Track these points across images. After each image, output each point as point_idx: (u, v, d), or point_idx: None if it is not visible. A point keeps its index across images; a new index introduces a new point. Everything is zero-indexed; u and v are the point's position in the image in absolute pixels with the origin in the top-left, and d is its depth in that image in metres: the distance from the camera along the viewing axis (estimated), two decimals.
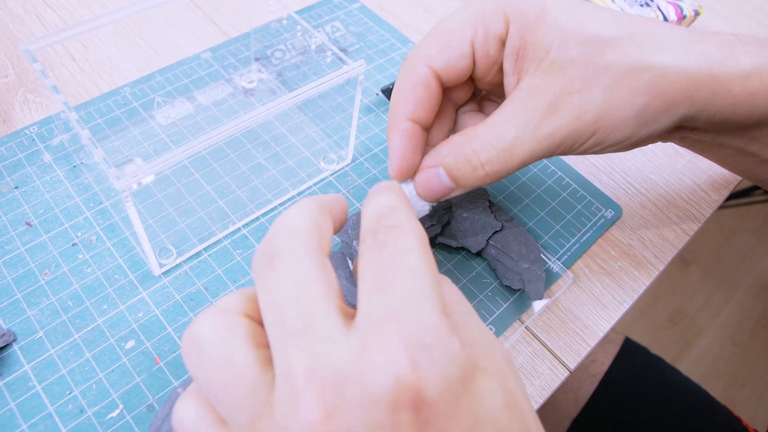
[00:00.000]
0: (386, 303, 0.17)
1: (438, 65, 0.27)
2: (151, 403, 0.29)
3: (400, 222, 0.20)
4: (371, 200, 0.22)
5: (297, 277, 0.18)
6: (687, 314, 1.37)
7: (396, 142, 0.28)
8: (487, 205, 0.36)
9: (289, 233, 0.19)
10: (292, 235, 0.19)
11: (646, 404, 0.55)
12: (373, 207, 0.21)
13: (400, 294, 0.17)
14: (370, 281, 0.18)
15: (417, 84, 0.28)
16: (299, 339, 0.17)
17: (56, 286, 0.33)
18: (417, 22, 0.52)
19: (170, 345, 0.31)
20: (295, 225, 0.19)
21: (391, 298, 0.17)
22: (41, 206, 0.36)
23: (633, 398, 0.55)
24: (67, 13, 0.48)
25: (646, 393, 0.56)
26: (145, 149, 0.39)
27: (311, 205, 0.20)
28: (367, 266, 0.19)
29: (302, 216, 0.20)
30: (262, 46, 0.46)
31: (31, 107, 0.41)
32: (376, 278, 0.18)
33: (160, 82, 0.44)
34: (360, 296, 0.18)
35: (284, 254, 0.18)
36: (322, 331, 0.17)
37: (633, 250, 0.39)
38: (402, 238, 0.19)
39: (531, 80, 0.26)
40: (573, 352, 0.34)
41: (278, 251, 0.19)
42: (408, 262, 0.18)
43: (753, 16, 0.59)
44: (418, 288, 0.17)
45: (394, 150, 0.28)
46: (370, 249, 0.19)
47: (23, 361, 0.30)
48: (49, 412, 0.28)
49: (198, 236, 0.35)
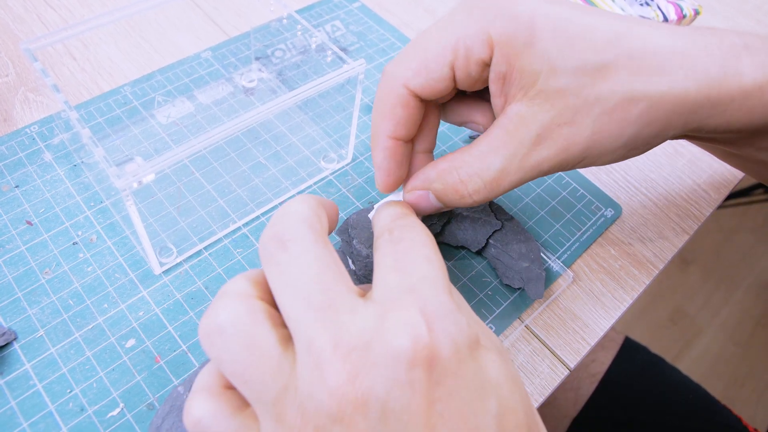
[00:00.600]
0: (405, 281, 0.19)
1: (415, 86, 0.26)
2: (151, 401, 0.29)
3: (413, 223, 0.23)
4: (385, 207, 0.24)
5: (314, 258, 0.19)
6: (687, 314, 1.37)
7: (379, 160, 0.28)
8: (487, 204, 0.36)
9: (296, 217, 0.21)
10: (300, 219, 0.21)
11: (646, 404, 0.55)
12: (387, 210, 0.24)
13: (417, 274, 0.20)
14: (389, 264, 0.20)
15: (395, 105, 0.27)
16: (323, 313, 0.18)
17: (57, 285, 0.33)
18: (417, 22, 0.52)
19: (170, 344, 0.31)
20: (301, 211, 0.21)
21: (410, 278, 0.20)
22: (42, 205, 0.36)
23: (633, 398, 0.55)
24: (67, 13, 0.48)
25: (646, 392, 0.56)
26: (145, 148, 0.39)
27: (309, 199, 0.22)
28: (386, 253, 0.21)
29: (305, 204, 0.21)
30: (263, 45, 0.46)
31: (31, 106, 0.41)
32: (395, 262, 0.20)
33: (161, 82, 0.44)
34: (378, 276, 0.20)
35: (297, 237, 0.20)
36: (344, 305, 0.19)
37: (633, 249, 0.39)
38: (417, 235, 0.22)
39: (518, 108, 0.25)
40: (573, 350, 0.34)
41: (291, 235, 0.20)
42: (423, 252, 0.21)
43: (753, 15, 0.59)
44: (432, 272, 0.20)
45: (379, 168, 0.28)
46: (387, 242, 0.22)
47: (24, 359, 0.30)
48: (49, 410, 0.29)
49: (198, 235, 0.35)
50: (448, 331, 0.18)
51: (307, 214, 0.21)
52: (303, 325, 0.18)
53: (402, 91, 0.26)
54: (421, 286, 0.19)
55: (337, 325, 0.18)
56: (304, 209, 0.21)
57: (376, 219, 0.24)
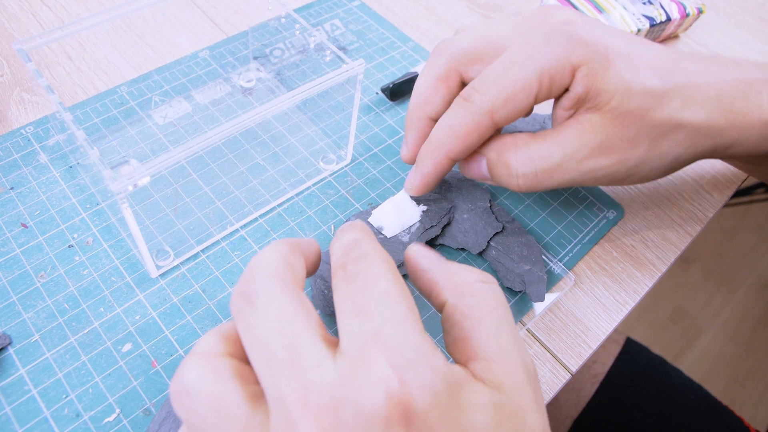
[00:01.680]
0: (367, 326, 0.18)
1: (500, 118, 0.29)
2: (148, 407, 0.29)
3: (366, 252, 0.21)
4: (337, 239, 0.23)
5: (277, 311, 0.19)
6: (688, 313, 1.37)
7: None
8: (488, 206, 0.36)
9: (262, 271, 0.20)
10: (266, 272, 0.20)
11: (648, 405, 0.55)
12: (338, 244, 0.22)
13: (378, 317, 0.18)
14: (348, 309, 0.19)
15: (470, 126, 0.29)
16: (288, 369, 0.17)
17: (52, 289, 0.32)
18: (417, 20, 0.52)
19: (167, 348, 0.31)
20: (267, 263, 0.20)
21: (372, 322, 0.18)
22: (37, 207, 0.35)
23: (634, 399, 0.55)
24: (63, 11, 0.48)
25: (647, 394, 0.55)
26: (142, 149, 0.39)
27: (281, 245, 0.21)
28: (343, 297, 0.20)
29: (274, 254, 0.20)
30: (261, 44, 0.45)
31: (27, 107, 0.41)
32: (353, 305, 0.19)
33: (158, 81, 0.43)
34: (340, 324, 0.19)
35: (261, 291, 0.19)
36: (310, 359, 0.17)
37: (635, 251, 0.38)
38: (371, 267, 0.20)
39: (591, 116, 0.28)
40: (575, 354, 0.33)
41: (255, 289, 0.19)
42: (381, 287, 0.19)
43: (756, 13, 0.58)
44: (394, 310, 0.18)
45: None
46: (342, 281, 0.20)
47: (18, 364, 0.30)
48: (44, 416, 0.28)
49: (195, 238, 0.35)
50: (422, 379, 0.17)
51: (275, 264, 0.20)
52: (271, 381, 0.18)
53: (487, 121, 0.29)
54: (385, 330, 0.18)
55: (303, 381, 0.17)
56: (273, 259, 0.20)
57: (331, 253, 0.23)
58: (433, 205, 0.35)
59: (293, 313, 0.19)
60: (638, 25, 0.48)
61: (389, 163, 0.40)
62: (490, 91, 0.28)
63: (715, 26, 0.56)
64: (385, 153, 0.41)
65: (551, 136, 0.29)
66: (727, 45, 0.54)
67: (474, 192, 0.37)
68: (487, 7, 0.55)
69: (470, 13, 0.54)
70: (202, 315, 0.32)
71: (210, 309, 0.32)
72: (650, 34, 0.50)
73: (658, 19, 0.49)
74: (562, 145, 0.28)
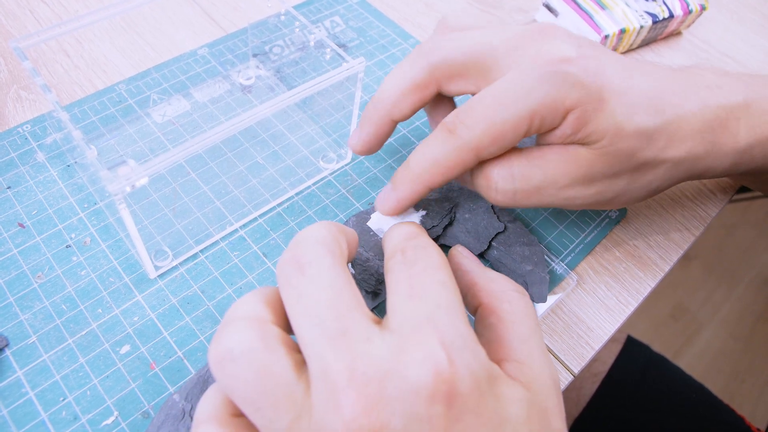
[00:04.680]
0: (421, 309, 0.19)
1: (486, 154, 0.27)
2: (146, 409, 0.29)
3: (427, 244, 0.22)
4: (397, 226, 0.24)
5: (330, 282, 0.19)
6: (688, 309, 1.37)
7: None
8: (490, 206, 0.36)
9: (316, 243, 0.21)
10: (319, 244, 0.20)
11: (649, 403, 0.55)
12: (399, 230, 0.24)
13: (433, 302, 0.19)
14: (403, 291, 0.20)
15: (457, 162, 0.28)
16: (338, 341, 0.18)
17: (50, 290, 0.32)
18: (418, 17, 0.52)
19: (166, 350, 0.31)
20: (320, 236, 0.21)
21: (426, 305, 0.19)
22: (34, 207, 0.35)
23: (635, 397, 0.55)
24: (61, 8, 0.47)
25: (648, 392, 0.55)
26: (140, 148, 0.38)
27: (331, 224, 0.22)
28: (399, 278, 0.21)
29: (325, 229, 0.21)
30: (260, 41, 0.45)
31: (24, 105, 0.40)
32: (410, 288, 0.20)
33: (156, 79, 0.43)
34: (392, 303, 0.20)
35: (315, 261, 0.20)
36: (359, 332, 0.18)
37: (638, 251, 0.38)
38: (430, 257, 0.21)
39: (577, 148, 0.28)
40: (577, 355, 0.33)
41: (308, 259, 0.20)
42: (438, 276, 0.20)
43: (759, 10, 0.58)
44: (448, 298, 0.20)
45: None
46: (400, 264, 0.21)
47: (16, 366, 0.29)
48: (42, 419, 0.28)
49: (194, 238, 0.35)
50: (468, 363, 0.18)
51: (326, 238, 0.21)
52: (318, 352, 0.18)
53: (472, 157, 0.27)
54: (438, 315, 0.19)
55: (352, 353, 0.18)
56: (323, 233, 0.21)
57: (388, 238, 0.24)
58: (434, 205, 0.35)
59: (343, 286, 0.19)
60: (641, 22, 0.47)
61: (390, 162, 0.40)
62: (478, 126, 0.26)
63: (717, 23, 0.56)
64: (385, 152, 0.41)
65: (535, 158, 0.28)
66: (730, 42, 0.54)
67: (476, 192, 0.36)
68: (488, 3, 0.54)
69: (470, 10, 0.53)
70: (201, 316, 0.32)
71: (209, 310, 0.32)
72: (653, 30, 0.49)
73: (661, 16, 0.48)
74: (544, 170, 0.28)
